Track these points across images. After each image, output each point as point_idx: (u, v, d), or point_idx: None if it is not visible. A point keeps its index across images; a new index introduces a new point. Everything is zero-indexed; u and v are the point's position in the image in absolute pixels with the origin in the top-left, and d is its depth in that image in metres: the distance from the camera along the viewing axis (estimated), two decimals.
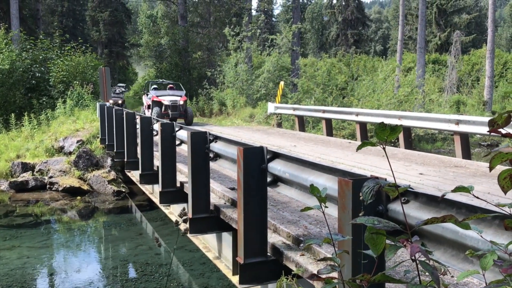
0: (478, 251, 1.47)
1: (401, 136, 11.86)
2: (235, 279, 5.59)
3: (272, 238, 4.63)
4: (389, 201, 2.69)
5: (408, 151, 10.90)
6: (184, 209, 2.26)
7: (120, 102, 24.65)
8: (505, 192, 1.27)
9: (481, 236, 1.42)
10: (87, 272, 8.03)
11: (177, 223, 2.15)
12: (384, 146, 1.29)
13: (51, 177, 13.68)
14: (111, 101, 22.96)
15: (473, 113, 22.38)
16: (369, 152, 9.88)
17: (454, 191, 1.25)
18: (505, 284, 1.18)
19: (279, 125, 18.54)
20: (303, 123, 16.86)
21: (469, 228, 1.28)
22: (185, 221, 2.16)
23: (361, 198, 1.29)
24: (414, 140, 15.86)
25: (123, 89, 29.23)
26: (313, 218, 5.15)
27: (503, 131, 1.20)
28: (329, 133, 15.08)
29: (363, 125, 13.46)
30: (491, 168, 1.19)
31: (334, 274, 1.53)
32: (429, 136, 17.73)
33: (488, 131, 1.21)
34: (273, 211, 5.38)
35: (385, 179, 2.20)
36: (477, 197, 1.26)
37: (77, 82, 20.22)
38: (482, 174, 7.74)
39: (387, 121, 11.82)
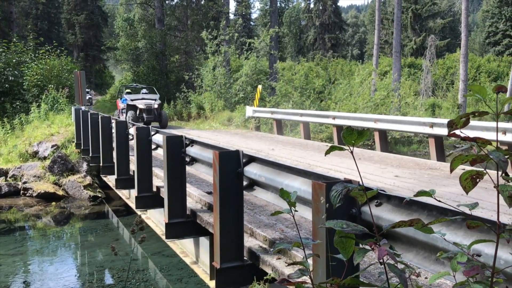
0: (448, 253, 1.49)
1: (377, 138, 12.00)
2: (212, 284, 5.56)
3: (249, 242, 4.61)
4: (362, 204, 2.71)
5: (384, 153, 11.02)
6: (140, 216, 2.23)
7: (156, 106, 18.24)
8: (467, 192, 1.29)
9: (444, 239, 1.44)
10: (63, 279, 7.88)
11: (133, 231, 2.12)
12: (351, 150, 1.30)
13: (25, 182, 13.41)
14: (140, 106, 17.86)
15: (448, 116, 22.77)
16: (346, 154, 9.93)
17: (416, 195, 1.26)
18: (467, 286, 1.19)
19: (257, 128, 18.56)
20: (281, 127, 16.92)
21: (432, 232, 1.29)
22: (141, 229, 2.13)
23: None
24: (390, 143, 16.05)
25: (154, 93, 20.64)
26: (290, 221, 5.15)
27: (461, 134, 1.21)
28: (307, 136, 15.17)
29: (340, 128, 13.57)
30: (452, 169, 1.21)
31: (307, 278, 1.53)
32: (405, 139, 17.97)
33: (447, 134, 1.23)
34: (249, 215, 5.37)
35: (358, 183, 2.21)
36: (439, 201, 1.28)
37: (52, 86, 19.90)
38: (456, 176, 7.84)
39: (363, 124, 11.96)
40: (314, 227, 2.72)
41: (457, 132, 1.20)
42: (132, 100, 18.38)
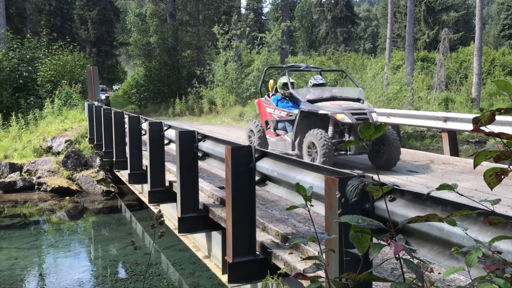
0: (463, 248, 1.48)
1: None
2: (224, 278, 5.58)
3: (261, 236, 4.62)
4: (375, 199, 2.70)
5: None
6: (159, 211, 2.25)
7: (375, 117, 8.43)
8: (491, 188, 1.28)
9: (466, 233, 1.43)
10: (77, 273, 7.97)
11: (153, 226, 2.13)
12: (368, 144, 1.29)
13: (39, 177, 13.56)
14: (341, 117, 8.05)
15: (461, 110, 22.54)
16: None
17: (438, 189, 1.25)
18: (488, 280, 1.18)
19: None
20: None
21: (455, 225, 1.28)
22: (160, 224, 2.15)
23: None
24: (403, 138, 15.95)
25: None
26: (302, 216, 5.15)
27: (486, 129, 1.20)
28: None
29: None
30: (475, 165, 1.20)
31: (321, 273, 1.53)
32: (418, 134, 17.83)
33: (471, 130, 1.22)
34: (261, 210, 5.38)
35: (372, 177, 2.20)
36: (462, 195, 1.27)
37: (65, 81, 20.05)
38: (469, 171, 7.80)
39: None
40: (327, 222, 2.71)
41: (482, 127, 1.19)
42: (312, 101, 8.55)
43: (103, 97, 28.34)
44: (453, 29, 43.18)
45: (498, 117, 7.34)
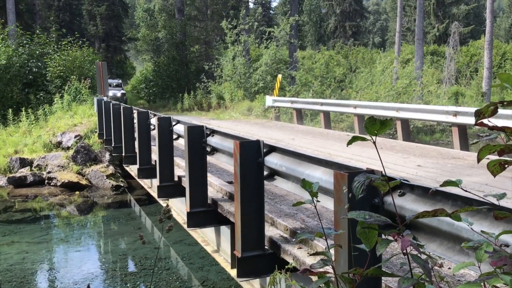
0: (470, 242, 1.46)
1: (399, 128, 11.86)
2: (233, 272, 5.59)
3: (270, 231, 4.62)
4: (385, 194, 2.68)
5: (406, 143, 10.89)
6: (167, 205, 2.25)
7: None
8: (494, 176, 1.26)
9: (471, 228, 1.42)
10: (87, 267, 8.04)
11: (161, 220, 2.14)
12: (374, 140, 1.28)
13: (49, 172, 13.67)
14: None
15: (471, 104, 22.35)
16: (367, 144, 9.83)
17: (442, 185, 1.24)
18: (495, 276, 1.17)
19: (277, 118, 18.52)
20: (301, 116, 16.85)
21: (460, 220, 1.27)
22: (168, 218, 2.15)
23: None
24: (413, 132, 15.86)
25: None
26: (311, 211, 5.14)
27: (489, 123, 1.18)
28: (327, 125, 15.07)
29: (361, 117, 13.44)
30: (479, 159, 1.18)
31: (329, 268, 1.52)
32: (427, 128, 17.73)
33: (474, 124, 1.20)
34: (270, 205, 5.37)
35: (381, 173, 2.18)
36: (466, 191, 1.25)
37: (75, 77, 20.15)
38: (480, 165, 7.70)
39: (385, 113, 11.82)
40: (336, 217, 2.70)
41: (485, 121, 1.17)
42: None
43: (118, 94, 27.82)
44: (463, 23, 42.74)
45: (502, 111, 7.21)
